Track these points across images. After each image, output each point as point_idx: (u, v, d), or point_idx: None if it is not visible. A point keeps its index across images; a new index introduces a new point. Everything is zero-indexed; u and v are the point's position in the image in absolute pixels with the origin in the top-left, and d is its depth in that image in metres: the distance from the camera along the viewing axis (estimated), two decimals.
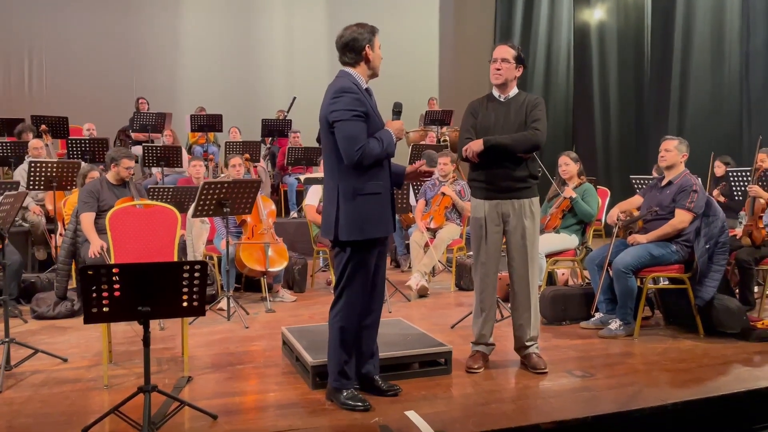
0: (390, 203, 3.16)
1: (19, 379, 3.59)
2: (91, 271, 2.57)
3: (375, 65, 3.14)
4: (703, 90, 9.25)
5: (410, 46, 12.90)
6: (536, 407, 3.16)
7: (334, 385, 3.19)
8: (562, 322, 4.78)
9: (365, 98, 3.04)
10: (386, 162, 3.14)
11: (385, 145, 3.01)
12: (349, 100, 2.96)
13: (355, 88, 3.02)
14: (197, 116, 9.70)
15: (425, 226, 6.20)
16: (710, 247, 4.36)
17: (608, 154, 11.12)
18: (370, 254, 3.08)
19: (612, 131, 11.05)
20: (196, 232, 6.28)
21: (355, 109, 2.95)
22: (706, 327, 4.41)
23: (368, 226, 3.02)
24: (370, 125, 3.02)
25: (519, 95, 3.67)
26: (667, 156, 4.57)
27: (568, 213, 5.33)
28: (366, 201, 3.02)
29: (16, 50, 11.38)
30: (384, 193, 3.09)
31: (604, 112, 11.24)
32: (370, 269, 3.11)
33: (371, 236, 3.04)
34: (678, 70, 9.36)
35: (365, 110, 2.99)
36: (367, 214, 3.02)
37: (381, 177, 3.07)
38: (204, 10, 12.36)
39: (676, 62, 9.42)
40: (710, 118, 9.10)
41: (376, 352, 3.35)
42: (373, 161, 2.98)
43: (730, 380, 3.54)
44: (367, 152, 2.94)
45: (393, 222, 3.19)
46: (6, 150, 7.60)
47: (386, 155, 3.05)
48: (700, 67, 9.23)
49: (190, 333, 4.59)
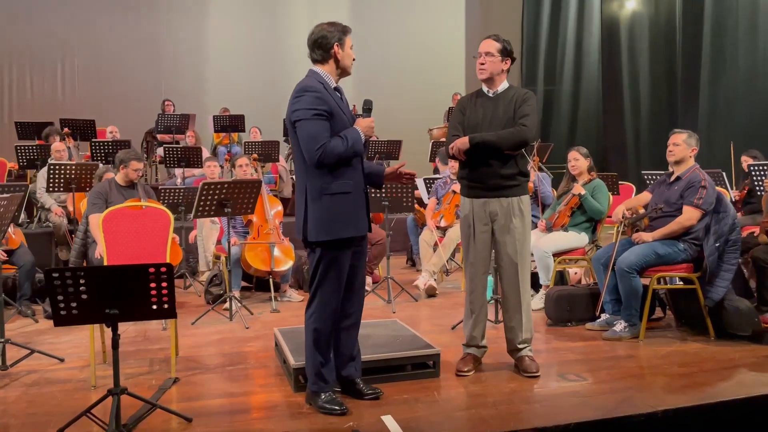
0: (362, 203, 3.09)
1: (13, 379, 3.66)
2: (56, 274, 2.59)
3: (345, 64, 3.09)
4: (735, 80, 8.91)
5: (436, 42, 12.82)
6: (518, 412, 3.06)
7: (312, 389, 3.15)
8: (567, 323, 4.64)
9: (330, 97, 2.99)
10: (357, 161, 3.07)
11: (350, 143, 2.95)
12: (310, 99, 2.92)
13: (318, 87, 2.97)
14: (220, 117, 9.80)
15: (435, 224, 6.12)
16: (720, 245, 4.16)
17: (638, 147, 10.82)
18: (341, 254, 3.02)
19: (642, 124, 10.76)
20: (206, 233, 6.35)
21: (315, 108, 2.90)
22: (717, 329, 4.23)
23: (337, 226, 2.96)
24: (336, 124, 2.97)
25: (509, 90, 3.56)
26: (676, 150, 4.38)
27: (578, 210, 5.17)
28: (333, 200, 2.96)
29: (50, 56, 11.74)
30: (354, 192, 3.02)
31: (634, 104, 10.94)
32: (343, 269, 3.05)
33: (339, 236, 2.97)
34: (708, 59, 9.02)
35: (327, 109, 2.93)
36: (334, 214, 2.96)
37: (350, 176, 3.01)
38: (229, 12, 12.52)
39: (705, 52, 9.09)
40: (742, 108, 8.75)
41: (358, 355, 3.29)
42: (336, 160, 2.92)
43: (730, 386, 3.36)
44: (328, 151, 2.89)
45: (366, 222, 3.11)
46: (32, 153, 7.80)
47: (353, 153, 2.98)
48: (731, 57, 8.88)
49: (190, 333, 4.66)
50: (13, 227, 5.34)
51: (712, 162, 8.45)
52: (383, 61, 12.80)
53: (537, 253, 5.06)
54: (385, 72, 12.72)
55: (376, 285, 5.85)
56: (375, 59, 12.81)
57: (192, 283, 6.29)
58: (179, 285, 6.42)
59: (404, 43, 12.88)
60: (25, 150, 7.70)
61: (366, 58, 12.87)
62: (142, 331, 4.71)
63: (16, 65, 11.62)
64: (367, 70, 12.74)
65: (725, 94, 8.88)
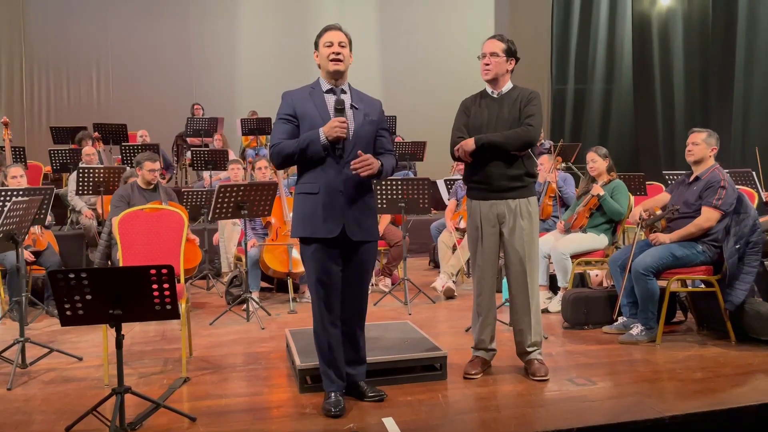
0: (332, 206, 3.01)
1: (32, 377, 3.77)
2: (61, 276, 2.65)
3: (324, 66, 3.12)
4: None
5: (464, 42, 12.72)
6: (521, 416, 3.02)
7: (324, 388, 3.18)
8: (584, 326, 4.56)
9: (309, 100, 3.06)
10: (331, 163, 3.01)
11: (303, 144, 2.98)
12: (282, 104, 3.11)
13: (297, 92, 3.13)
14: (248, 120, 9.92)
15: (455, 225, 6.09)
16: (741, 247, 4.04)
17: (671, 146, 10.58)
18: (316, 252, 3.04)
19: (675, 123, 10.52)
20: (227, 235, 6.44)
21: (281, 113, 3.10)
22: (738, 333, 4.11)
23: (299, 225, 3.09)
24: (305, 126, 3.05)
25: (513, 90, 3.53)
26: (695, 150, 4.27)
27: (597, 212, 5.08)
28: (302, 200, 3.08)
29: (85, 62, 12.06)
30: (322, 194, 3.01)
31: (667, 103, 10.71)
32: (320, 269, 3.04)
33: (298, 235, 3.09)
34: (742, 58, 8.77)
35: (289, 112, 3.07)
36: (301, 213, 3.08)
37: (317, 178, 3.02)
38: (259, 17, 12.69)
39: (739, 51, 8.84)
40: None
41: (363, 359, 3.29)
42: (282, 160, 3.07)
43: (745, 392, 3.27)
44: (276, 152, 3.06)
45: (339, 226, 3.01)
46: (65, 157, 8.03)
47: (311, 154, 2.98)
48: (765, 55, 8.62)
49: (207, 333, 4.73)
50: (41, 229, 5.50)
51: (745, 161, 8.23)
52: (411, 61, 12.81)
53: (555, 255, 5.00)
54: (413, 73, 12.72)
55: (394, 286, 5.84)
56: (403, 60, 12.83)
57: (215, 284, 6.38)
58: (202, 286, 6.53)
59: (433, 43, 12.85)
60: (59, 154, 7.93)
61: (394, 58, 12.95)
62: (161, 331, 4.80)
63: (53, 72, 11.97)
64: (395, 71, 12.79)
65: (759, 92, 8.62)
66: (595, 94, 12.71)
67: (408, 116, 10.70)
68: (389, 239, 6.09)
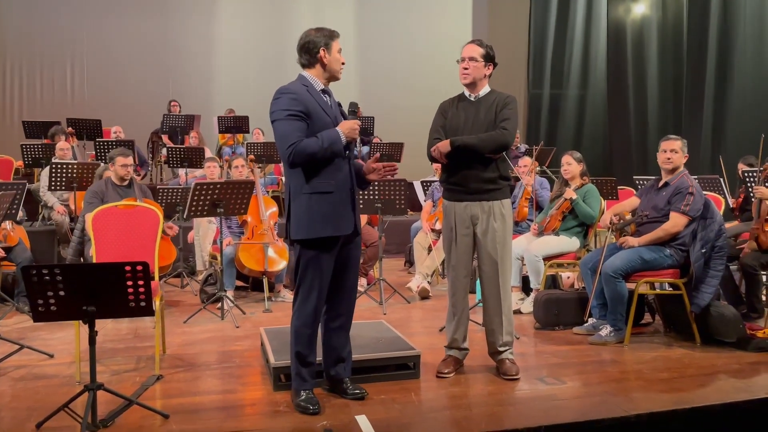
0: (346, 203, 3.09)
1: (1, 374, 3.73)
2: (34, 271, 2.64)
3: (332, 68, 3.12)
4: (742, 86, 8.85)
5: (443, 45, 12.79)
6: (491, 414, 3.08)
7: (294, 387, 3.19)
8: (555, 327, 4.64)
9: (311, 98, 3.03)
10: (342, 161, 3.08)
11: (326, 143, 2.97)
12: (285, 100, 2.98)
13: (297, 89, 3.03)
14: (224, 118, 9.88)
15: (431, 227, 6.15)
16: (707, 251, 4.15)
17: (644, 152, 10.77)
18: (321, 254, 3.05)
19: (648, 129, 10.72)
20: (203, 232, 6.41)
21: (289, 109, 2.96)
22: (703, 335, 4.21)
23: (316, 225, 3.00)
24: (315, 124, 3.01)
25: (490, 94, 3.59)
26: (674, 158, 4.34)
27: (569, 215, 5.17)
28: (312, 200, 3.01)
29: (60, 56, 11.88)
30: (337, 192, 3.04)
31: (640, 109, 10.91)
32: (323, 270, 3.07)
33: (318, 235, 3.01)
34: (714, 65, 8.98)
35: (302, 110, 2.98)
36: (314, 213, 3.00)
37: (332, 176, 3.03)
38: (237, 15, 12.61)
39: (711, 58, 9.04)
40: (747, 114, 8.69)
41: (348, 356, 3.32)
42: (308, 159, 2.96)
43: (708, 392, 3.36)
44: (299, 150, 2.93)
45: (351, 222, 3.11)
46: (38, 152, 7.92)
47: (331, 154, 3.00)
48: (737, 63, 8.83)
49: (181, 331, 4.71)
50: (11, 224, 5.43)
51: (714, 168, 8.41)
52: (389, 63, 12.84)
53: (527, 257, 5.07)
54: (390, 75, 12.75)
55: (370, 286, 5.88)
56: (380, 62, 12.85)
57: (189, 282, 6.36)
58: (176, 284, 6.50)
59: (410, 45, 12.90)
60: (31, 149, 7.82)
61: (371, 61, 12.96)
62: (133, 328, 4.78)
63: (27, 66, 11.77)
64: (372, 73, 12.80)
65: (731, 99, 8.83)
66: (570, 99, 12.88)
67: (386, 117, 10.74)
68: (365, 239, 6.11)
